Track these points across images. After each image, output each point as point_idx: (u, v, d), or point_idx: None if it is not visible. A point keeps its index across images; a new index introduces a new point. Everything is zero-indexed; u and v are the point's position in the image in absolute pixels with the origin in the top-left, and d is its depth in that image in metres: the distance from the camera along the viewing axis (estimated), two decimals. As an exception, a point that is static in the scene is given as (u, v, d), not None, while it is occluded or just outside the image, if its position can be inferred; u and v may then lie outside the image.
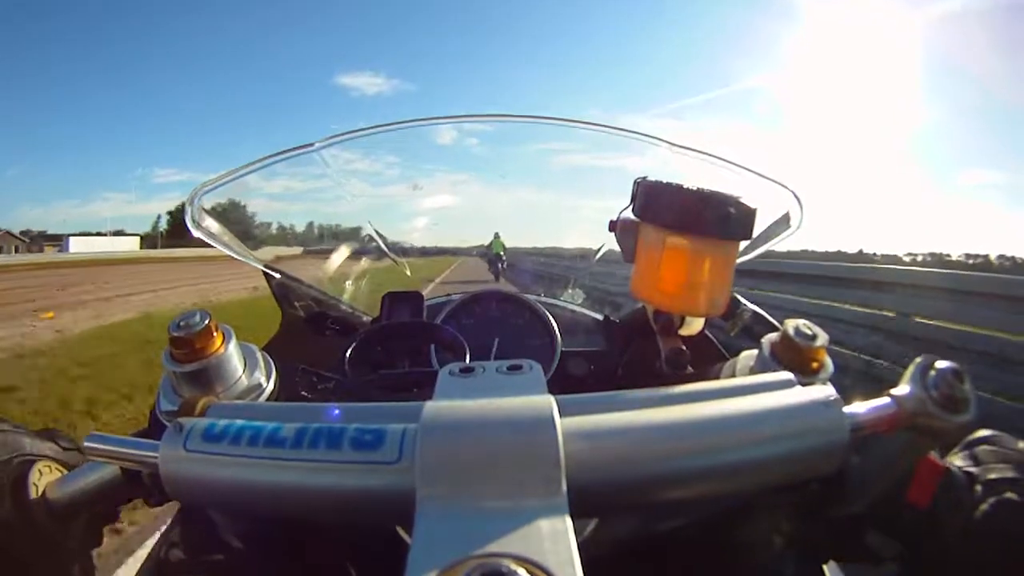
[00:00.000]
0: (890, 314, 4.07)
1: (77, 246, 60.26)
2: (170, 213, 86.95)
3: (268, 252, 0.89)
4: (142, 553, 1.91)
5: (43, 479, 0.38)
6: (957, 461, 0.37)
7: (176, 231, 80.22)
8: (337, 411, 0.34)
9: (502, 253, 1.42)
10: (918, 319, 3.85)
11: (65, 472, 0.39)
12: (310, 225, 1.20)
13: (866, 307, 4.33)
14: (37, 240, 71.03)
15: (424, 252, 1.22)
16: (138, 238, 79.42)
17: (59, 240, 68.58)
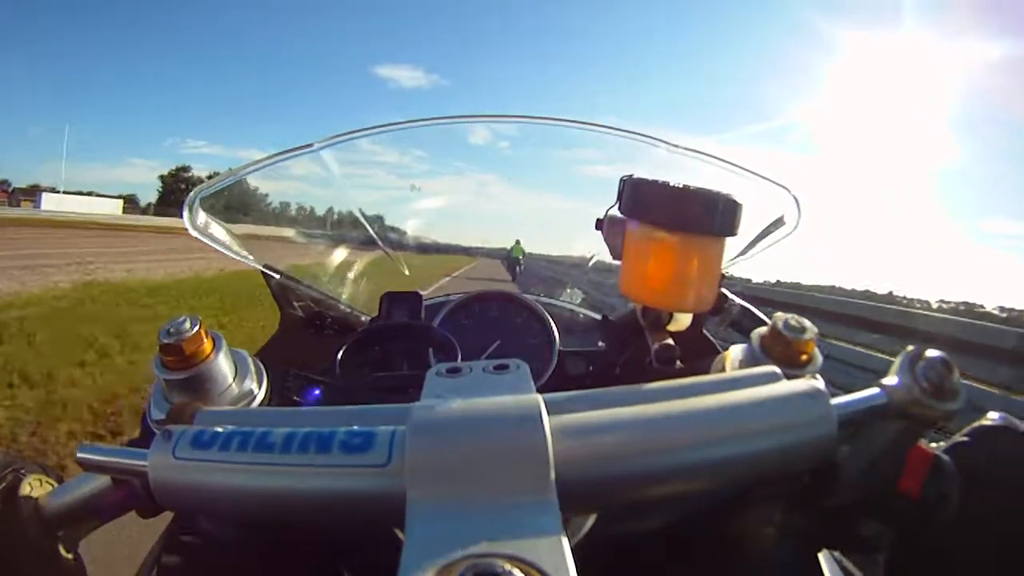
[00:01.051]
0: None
1: (50, 204, 54.25)
2: (161, 178, 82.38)
3: (267, 250, 0.89)
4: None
5: (35, 492, 0.37)
6: (950, 448, 0.37)
7: (167, 198, 75.74)
8: (326, 415, 0.34)
9: (520, 257, 1.47)
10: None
11: (56, 485, 0.39)
12: (312, 222, 1.20)
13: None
14: (16, 195, 63.68)
15: (438, 249, 1.23)
16: (121, 202, 69.44)
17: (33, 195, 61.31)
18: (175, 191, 76.61)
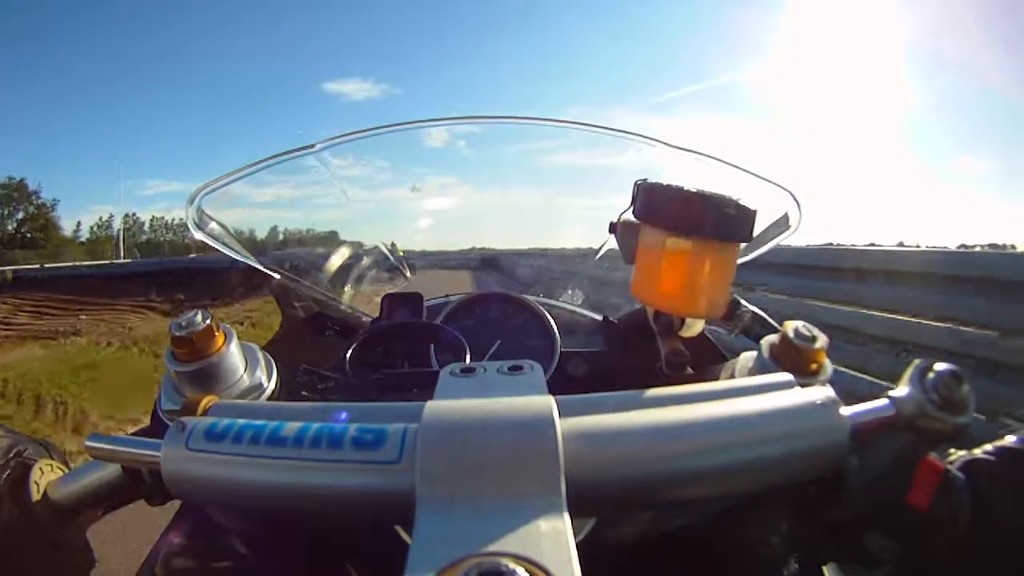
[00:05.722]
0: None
1: None
2: None
3: (270, 255, 0.89)
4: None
5: (44, 478, 0.38)
6: (963, 465, 0.37)
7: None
8: (338, 411, 0.34)
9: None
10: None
11: (66, 471, 0.39)
12: (309, 226, 1.20)
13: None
14: None
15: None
16: None
17: None
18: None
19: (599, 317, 0.97)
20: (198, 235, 0.71)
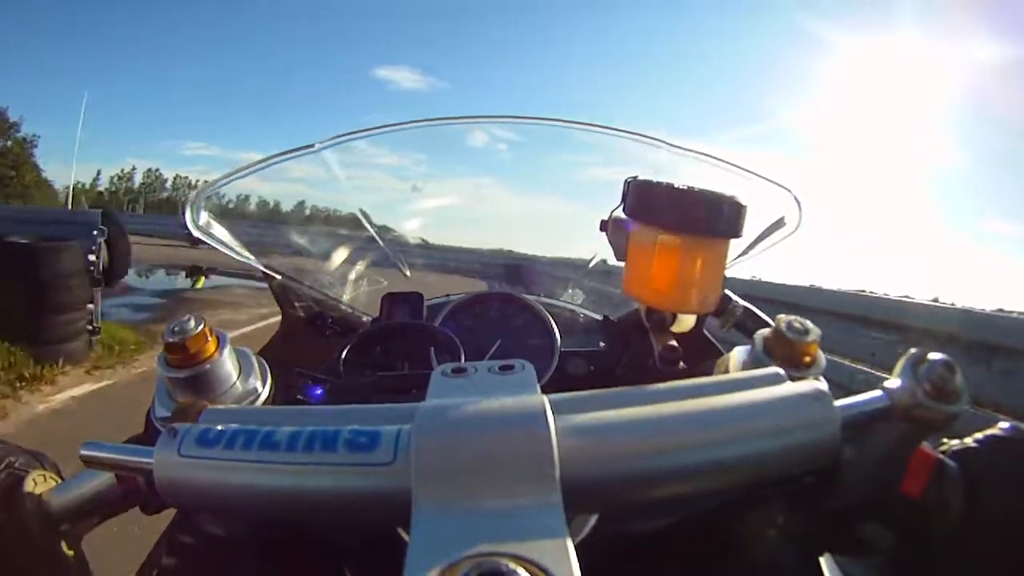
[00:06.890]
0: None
1: None
2: None
3: (269, 253, 0.90)
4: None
5: (37, 488, 0.37)
6: (955, 453, 0.37)
7: None
8: (331, 413, 0.34)
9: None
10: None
11: (59, 481, 0.39)
12: (310, 225, 1.20)
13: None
14: None
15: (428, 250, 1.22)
16: None
17: None
18: None
19: (599, 316, 0.97)
20: (198, 234, 0.71)
